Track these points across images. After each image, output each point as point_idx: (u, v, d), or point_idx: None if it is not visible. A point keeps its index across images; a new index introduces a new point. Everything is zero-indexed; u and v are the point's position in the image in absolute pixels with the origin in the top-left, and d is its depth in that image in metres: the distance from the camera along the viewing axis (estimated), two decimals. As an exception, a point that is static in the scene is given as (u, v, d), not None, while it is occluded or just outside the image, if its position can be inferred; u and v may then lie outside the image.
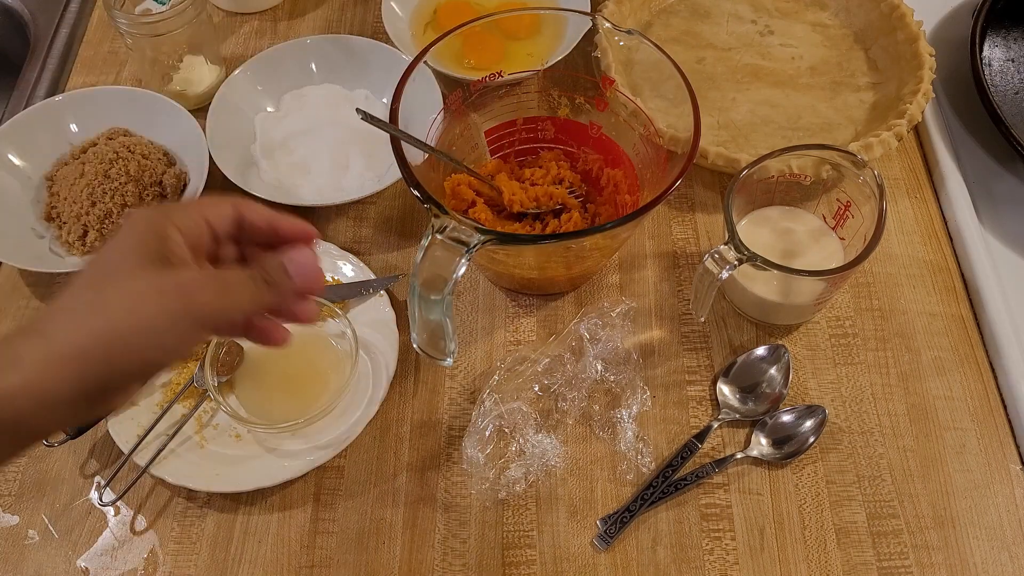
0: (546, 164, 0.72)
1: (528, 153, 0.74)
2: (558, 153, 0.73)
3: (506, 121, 0.72)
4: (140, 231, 0.41)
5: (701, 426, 0.66)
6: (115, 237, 0.41)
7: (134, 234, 0.40)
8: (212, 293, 0.40)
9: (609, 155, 0.71)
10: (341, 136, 0.78)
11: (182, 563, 0.61)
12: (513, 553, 0.61)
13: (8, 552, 0.62)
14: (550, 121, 0.73)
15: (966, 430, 0.66)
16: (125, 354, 0.38)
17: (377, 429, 0.66)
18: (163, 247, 0.40)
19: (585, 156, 0.73)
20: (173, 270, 0.40)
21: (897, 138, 0.74)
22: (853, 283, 0.73)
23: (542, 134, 0.74)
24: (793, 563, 0.61)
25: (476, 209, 0.68)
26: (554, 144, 0.74)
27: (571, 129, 0.73)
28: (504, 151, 0.74)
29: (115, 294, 0.38)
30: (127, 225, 0.41)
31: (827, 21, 0.89)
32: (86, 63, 0.90)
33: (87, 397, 0.38)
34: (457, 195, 0.68)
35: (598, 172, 0.72)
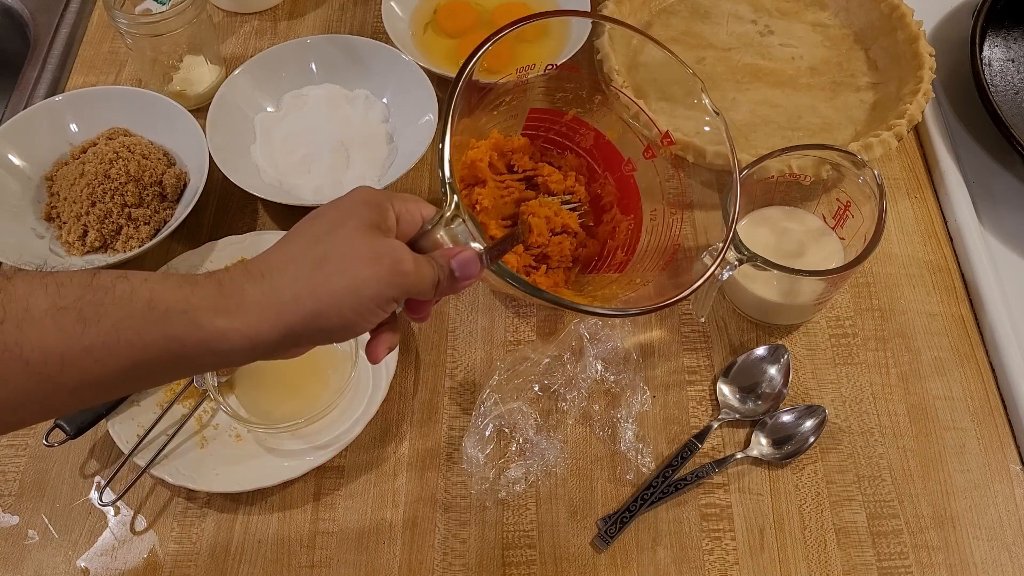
0: (566, 169, 0.70)
1: (558, 146, 0.72)
2: (583, 164, 0.71)
3: (557, 110, 0.69)
4: (365, 199, 0.44)
5: (701, 426, 0.66)
6: (341, 200, 0.44)
7: (359, 201, 0.43)
8: (412, 265, 0.43)
9: (627, 200, 0.69)
10: (341, 136, 0.78)
11: (182, 563, 0.61)
12: (513, 553, 0.61)
13: (8, 552, 0.62)
14: (595, 135, 0.70)
15: (966, 430, 0.66)
16: (333, 310, 0.41)
17: (377, 429, 0.66)
18: (382, 220, 0.43)
19: (606, 183, 0.70)
20: (387, 238, 0.43)
21: (897, 138, 0.74)
22: (853, 283, 0.73)
23: (580, 140, 0.71)
24: (793, 563, 0.61)
25: (483, 191, 0.65)
26: (585, 155, 0.72)
27: (608, 153, 0.70)
28: (538, 133, 0.71)
29: (336, 253, 0.41)
30: (353, 193, 0.44)
31: (827, 21, 0.89)
32: (86, 63, 0.90)
33: (285, 344, 0.41)
34: (473, 169, 0.66)
35: (607, 206, 0.70)
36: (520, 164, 0.70)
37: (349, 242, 0.42)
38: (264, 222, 0.77)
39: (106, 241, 0.73)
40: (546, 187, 0.70)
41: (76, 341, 0.37)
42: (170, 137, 0.78)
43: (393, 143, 0.80)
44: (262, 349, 0.41)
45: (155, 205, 0.74)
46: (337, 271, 0.41)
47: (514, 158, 0.69)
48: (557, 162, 0.72)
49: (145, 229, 0.73)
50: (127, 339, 0.38)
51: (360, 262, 0.41)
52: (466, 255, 0.46)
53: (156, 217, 0.74)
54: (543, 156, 0.72)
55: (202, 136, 0.75)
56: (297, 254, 0.42)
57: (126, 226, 0.73)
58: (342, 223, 0.43)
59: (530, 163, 0.70)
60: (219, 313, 0.39)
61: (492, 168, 0.68)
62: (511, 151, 0.69)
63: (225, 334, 0.39)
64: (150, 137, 0.78)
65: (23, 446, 0.66)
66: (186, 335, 0.39)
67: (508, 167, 0.70)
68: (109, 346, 0.38)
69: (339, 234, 0.42)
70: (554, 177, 0.70)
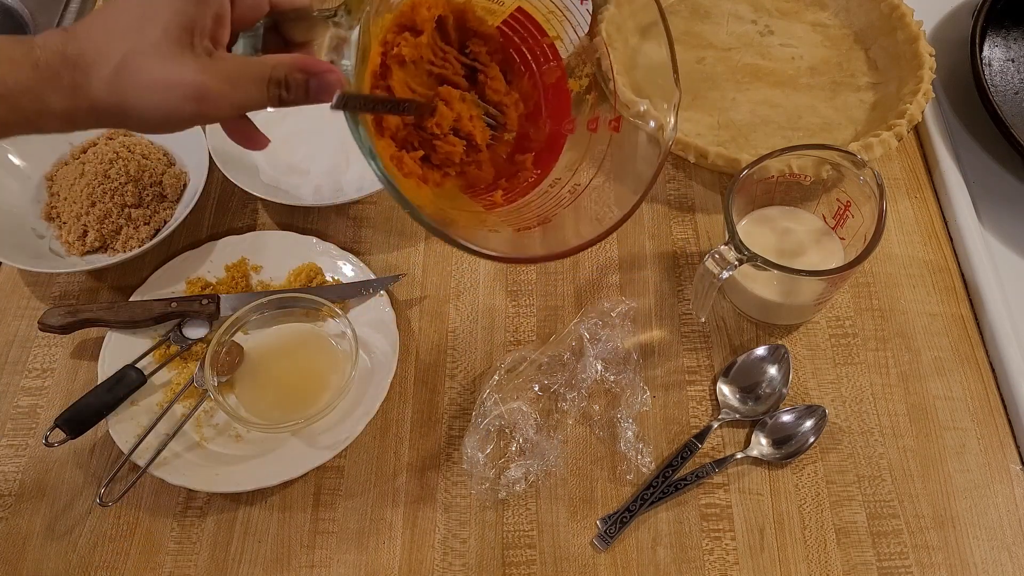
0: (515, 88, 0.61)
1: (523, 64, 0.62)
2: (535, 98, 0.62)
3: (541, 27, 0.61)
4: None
5: (701, 426, 0.66)
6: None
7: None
8: (222, 96, 0.42)
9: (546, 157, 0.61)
10: (341, 136, 0.78)
11: (182, 563, 0.61)
12: (513, 553, 0.61)
13: (8, 552, 0.62)
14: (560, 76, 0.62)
15: (966, 430, 0.66)
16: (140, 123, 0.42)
17: (377, 429, 0.66)
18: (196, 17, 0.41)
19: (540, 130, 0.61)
20: (193, 62, 0.41)
21: (897, 138, 0.74)
22: (853, 283, 0.73)
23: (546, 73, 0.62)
24: (793, 563, 0.61)
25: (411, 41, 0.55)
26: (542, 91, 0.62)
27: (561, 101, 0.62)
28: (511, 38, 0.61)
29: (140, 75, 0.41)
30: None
31: (827, 21, 0.89)
32: (86, 63, 0.90)
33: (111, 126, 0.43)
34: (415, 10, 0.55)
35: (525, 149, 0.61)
36: (475, 51, 0.60)
37: (154, 63, 0.41)
38: (264, 222, 0.77)
39: (106, 241, 0.73)
40: (483, 89, 0.60)
41: None
42: (170, 137, 0.78)
43: (393, 143, 0.80)
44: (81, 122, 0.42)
45: (155, 205, 0.74)
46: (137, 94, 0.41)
47: (472, 42, 0.60)
48: (512, 78, 0.62)
49: (145, 229, 0.73)
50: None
51: (155, 93, 0.41)
52: (328, 79, 0.44)
53: (156, 217, 0.74)
54: (502, 64, 0.61)
55: (202, 136, 0.75)
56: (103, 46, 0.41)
57: (126, 226, 0.73)
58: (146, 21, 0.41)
59: (485, 58, 0.60)
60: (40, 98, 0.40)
61: (440, 32, 0.58)
62: (474, 31, 0.60)
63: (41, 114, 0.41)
64: (150, 137, 0.78)
65: (23, 446, 0.66)
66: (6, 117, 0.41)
67: (460, 45, 0.60)
68: None
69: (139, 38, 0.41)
70: (497, 84, 0.60)
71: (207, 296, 0.70)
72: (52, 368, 0.70)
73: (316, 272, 0.72)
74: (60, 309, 0.68)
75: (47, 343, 0.71)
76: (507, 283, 0.74)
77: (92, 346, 0.70)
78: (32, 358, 0.71)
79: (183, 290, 0.72)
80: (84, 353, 0.71)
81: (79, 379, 0.69)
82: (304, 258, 0.73)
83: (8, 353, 0.71)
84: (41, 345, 0.71)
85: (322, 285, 0.72)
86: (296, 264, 0.73)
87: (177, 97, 0.41)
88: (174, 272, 0.72)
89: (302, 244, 0.74)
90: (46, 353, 0.71)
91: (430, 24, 0.56)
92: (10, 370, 0.70)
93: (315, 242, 0.74)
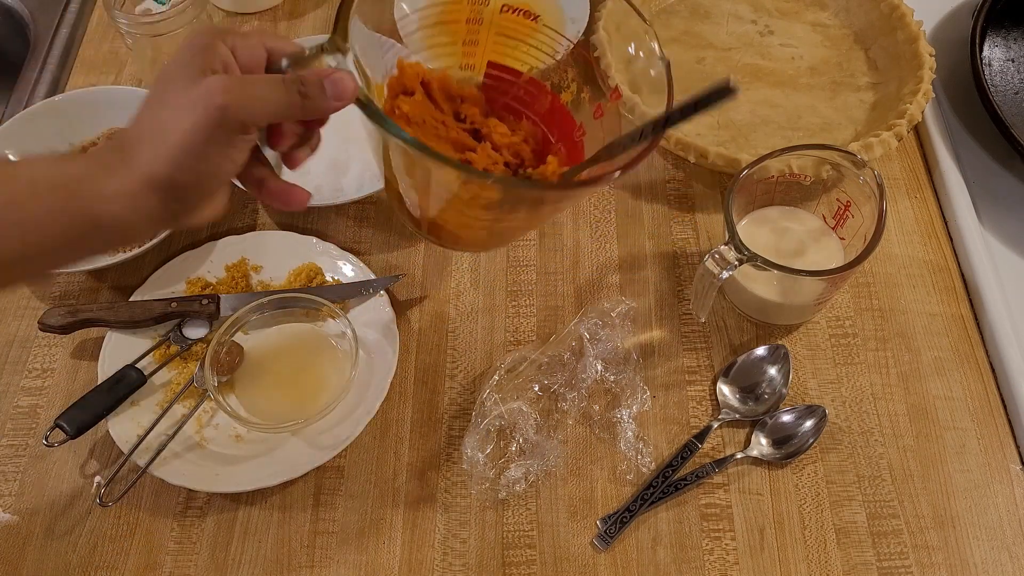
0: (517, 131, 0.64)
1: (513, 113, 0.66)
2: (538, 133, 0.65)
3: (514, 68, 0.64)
4: (188, 43, 0.42)
5: (701, 426, 0.66)
6: (174, 53, 0.43)
7: (186, 48, 0.42)
8: (234, 94, 0.41)
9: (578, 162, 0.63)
10: (341, 136, 0.78)
11: (182, 563, 0.61)
12: (513, 553, 0.61)
13: (8, 552, 0.62)
14: (551, 99, 0.65)
15: (966, 430, 0.66)
16: (183, 173, 0.41)
17: (377, 429, 0.66)
18: (207, 61, 0.42)
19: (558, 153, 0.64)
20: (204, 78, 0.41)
21: (897, 138, 0.74)
22: (853, 283, 0.73)
23: (537, 105, 0.66)
24: (793, 563, 0.61)
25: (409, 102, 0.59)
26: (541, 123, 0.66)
27: (562, 118, 0.66)
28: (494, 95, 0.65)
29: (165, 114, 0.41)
30: (184, 40, 0.43)
31: (827, 21, 0.89)
32: (86, 63, 0.90)
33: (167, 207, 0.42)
34: (403, 75, 0.59)
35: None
36: (469, 115, 0.63)
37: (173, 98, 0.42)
38: (264, 222, 0.77)
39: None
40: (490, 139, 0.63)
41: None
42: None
43: (393, 143, 0.80)
44: (148, 216, 0.42)
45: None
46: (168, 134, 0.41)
47: (463, 107, 0.63)
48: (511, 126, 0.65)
49: (145, 229, 0.73)
50: (14, 218, 0.39)
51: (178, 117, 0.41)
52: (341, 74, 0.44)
53: (156, 217, 0.74)
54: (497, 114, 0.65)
55: (202, 136, 0.75)
56: (144, 121, 0.42)
57: (126, 226, 0.73)
58: (169, 82, 0.42)
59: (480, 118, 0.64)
60: (90, 181, 0.41)
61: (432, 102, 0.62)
62: (460, 97, 0.63)
63: (103, 199, 0.40)
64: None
65: (23, 446, 0.66)
66: (67, 206, 0.40)
67: (455, 115, 0.63)
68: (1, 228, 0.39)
69: (166, 95, 0.42)
70: (500, 131, 0.63)
71: (207, 296, 0.70)
72: (52, 368, 0.70)
73: (316, 272, 0.72)
74: (60, 309, 0.68)
75: (47, 343, 0.71)
76: (507, 283, 0.74)
77: (92, 346, 0.70)
78: (32, 358, 0.71)
79: (183, 290, 0.72)
80: (84, 353, 0.71)
81: (79, 379, 0.69)
82: (304, 258, 0.73)
83: (8, 353, 0.71)
84: (41, 345, 0.71)
85: (322, 285, 0.72)
86: (296, 264, 0.73)
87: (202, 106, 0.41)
88: (174, 272, 0.72)
89: (302, 244, 0.74)
90: (46, 353, 0.71)
91: (418, 85, 0.59)
92: (10, 370, 0.70)
93: (315, 242, 0.74)
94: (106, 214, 0.41)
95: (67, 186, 0.40)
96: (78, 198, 0.40)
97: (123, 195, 0.41)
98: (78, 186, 0.40)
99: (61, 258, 0.42)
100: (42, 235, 0.40)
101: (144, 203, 0.41)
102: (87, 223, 0.41)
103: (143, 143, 0.42)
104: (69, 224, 0.40)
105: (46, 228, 0.40)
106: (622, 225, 0.77)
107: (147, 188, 0.41)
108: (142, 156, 0.41)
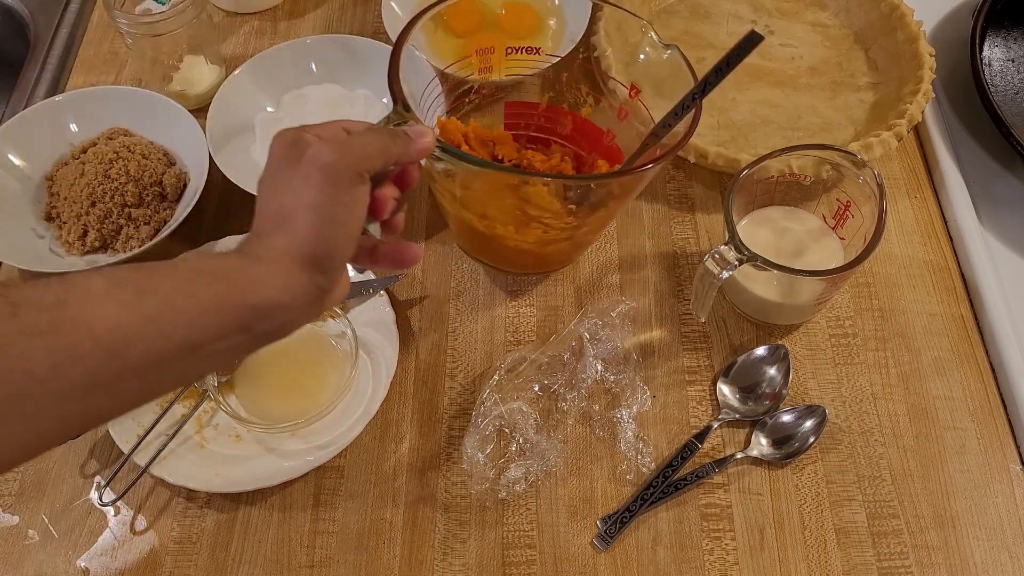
0: (552, 155, 0.71)
1: (540, 143, 0.73)
2: (568, 153, 0.72)
3: (529, 102, 0.71)
4: (279, 142, 0.46)
5: (701, 426, 0.66)
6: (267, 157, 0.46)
7: (277, 145, 0.46)
8: (339, 150, 0.44)
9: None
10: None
11: (182, 563, 0.61)
12: (513, 553, 0.61)
13: (8, 552, 0.62)
14: (571, 117, 0.72)
15: (966, 430, 0.66)
16: (322, 241, 0.44)
17: (377, 429, 0.66)
18: (299, 147, 0.45)
19: (593, 162, 0.71)
20: (303, 156, 0.44)
21: (897, 138, 0.74)
22: (853, 283, 0.73)
23: (560, 128, 0.72)
24: (793, 563, 0.61)
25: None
26: (568, 143, 0.73)
27: (587, 131, 0.71)
28: (518, 131, 0.72)
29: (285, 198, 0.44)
30: (272, 143, 0.46)
31: (827, 21, 0.89)
32: (86, 63, 0.90)
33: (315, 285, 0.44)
34: (445, 133, 0.66)
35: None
36: (505, 154, 0.70)
37: (286, 185, 0.44)
38: (264, 222, 0.77)
39: (106, 241, 0.73)
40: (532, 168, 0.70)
41: (137, 311, 0.39)
42: (170, 137, 0.78)
43: (393, 143, 0.80)
44: (303, 295, 0.44)
45: (155, 205, 0.74)
46: (295, 213, 0.44)
47: (497, 148, 0.70)
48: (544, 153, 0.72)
49: (145, 229, 0.73)
50: (181, 306, 0.40)
51: (299, 191, 0.44)
52: (417, 127, 0.49)
53: (156, 217, 0.74)
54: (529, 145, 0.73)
55: (202, 136, 0.75)
56: (265, 220, 0.45)
57: (126, 226, 0.73)
58: (273, 173, 0.45)
59: (515, 153, 0.71)
60: (245, 272, 0.43)
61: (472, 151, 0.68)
62: (492, 141, 0.70)
63: (259, 286, 0.42)
64: (150, 137, 0.78)
65: (23, 446, 0.66)
66: (226, 295, 0.41)
67: (492, 157, 0.70)
68: (167, 315, 0.39)
69: (275, 182, 0.45)
70: (537, 158, 0.70)
71: (207, 296, 0.70)
72: (52, 368, 0.70)
73: (316, 272, 0.72)
74: (60, 309, 0.68)
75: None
76: (507, 283, 0.74)
77: (92, 346, 0.70)
78: (32, 358, 0.70)
79: (183, 290, 0.72)
80: (84, 353, 0.71)
81: (79, 379, 0.69)
82: (304, 258, 0.73)
83: (8, 353, 0.71)
84: (41, 345, 0.71)
85: (322, 285, 0.72)
86: (296, 264, 0.73)
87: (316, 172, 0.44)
88: (174, 272, 0.72)
89: (302, 244, 0.74)
90: (46, 353, 0.71)
91: (461, 138, 0.67)
92: (10, 370, 0.70)
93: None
94: (262, 299, 0.42)
95: (227, 276, 0.42)
96: (236, 287, 0.42)
97: (274, 277, 0.43)
98: (236, 276, 0.42)
99: (220, 352, 0.42)
100: (205, 325, 0.41)
101: (294, 281, 0.43)
102: (246, 311, 0.42)
103: (278, 229, 0.44)
104: (231, 313, 0.41)
105: (209, 317, 0.41)
106: (622, 225, 0.77)
107: (294, 266, 0.43)
108: (280, 239, 0.43)
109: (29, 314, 0.37)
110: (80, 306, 0.38)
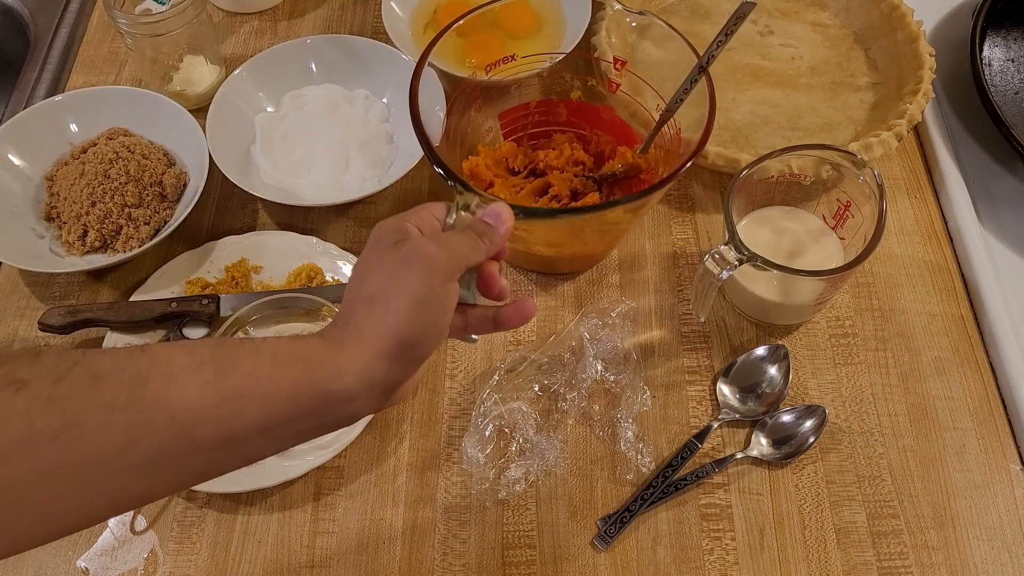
0: (559, 146, 0.72)
1: (541, 136, 0.75)
2: (571, 136, 0.74)
3: (520, 104, 0.73)
4: (381, 229, 0.47)
5: (701, 426, 0.66)
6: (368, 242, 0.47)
7: (377, 235, 0.47)
8: (439, 245, 0.45)
9: (622, 136, 0.72)
10: (341, 136, 0.78)
11: (182, 563, 0.61)
12: (513, 553, 0.61)
13: (8, 552, 0.62)
14: (563, 104, 0.73)
15: (966, 430, 0.66)
16: (414, 328, 0.43)
17: (377, 429, 0.66)
18: (400, 234, 0.46)
19: (597, 138, 0.73)
20: (404, 244, 0.45)
21: (897, 138, 0.74)
22: (853, 283, 0.73)
23: (555, 117, 0.74)
24: (793, 563, 0.61)
25: (495, 189, 0.69)
26: (567, 127, 0.74)
27: (584, 112, 0.73)
28: (517, 134, 0.74)
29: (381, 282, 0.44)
30: (373, 232, 0.47)
31: (827, 21, 0.89)
32: (86, 63, 0.90)
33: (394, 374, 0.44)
34: (476, 175, 0.69)
35: (611, 153, 0.72)
36: (517, 164, 0.72)
37: (383, 268, 0.45)
38: (264, 222, 0.77)
39: (106, 241, 0.73)
40: (550, 168, 0.71)
41: (213, 392, 0.38)
42: (170, 137, 0.78)
43: (393, 143, 0.80)
44: (377, 385, 0.43)
45: (155, 205, 0.74)
46: (390, 296, 0.44)
47: (509, 161, 0.72)
48: (550, 146, 0.74)
49: (145, 229, 0.73)
50: (258, 389, 0.40)
51: (398, 276, 0.44)
52: (492, 206, 0.49)
53: (156, 217, 0.74)
54: (535, 148, 0.74)
55: (202, 136, 0.75)
56: (355, 300, 0.45)
57: (126, 226, 0.73)
58: (372, 256, 0.46)
59: (525, 159, 0.72)
60: (326, 357, 0.42)
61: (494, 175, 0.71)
62: (503, 157, 0.72)
63: (338, 373, 0.42)
64: (150, 137, 0.78)
65: (23, 446, 0.66)
66: (305, 379, 0.41)
67: (509, 171, 0.72)
68: (243, 396, 0.39)
69: (374, 267, 0.45)
70: (551, 156, 0.71)
71: (207, 296, 0.70)
72: (52, 368, 0.70)
73: (316, 272, 0.72)
74: (60, 309, 0.68)
75: (47, 343, 0.71)
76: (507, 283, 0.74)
77: (92, 346, 0.70)
78: (32, 358, 0.70)
79: (183, 290, 0.72)
80: (84, 353, 0.71)
81: (79, 379, 0.69)
82: (304, 258, 0.73)
83: (8, 353, 0.71)
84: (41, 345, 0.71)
85: (322, 285, 0.72)
86: (296, 264, 0.73)
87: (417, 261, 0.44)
88: (174, 272, 0.72)
89: (302, 244, 0.74)
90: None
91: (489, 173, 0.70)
92: (10, 370, 0.70)
93: (315, 242, 0.74)
94: (339, 388, 0.42)
95: (306, 360, 0.41)
96: (316, 373, 0.41)
97: (357, 367, 0.42)
98: (316, 362, 0.42)
99: (287, 437, 0.42)
100: (279, 408, 0.40)
101: (374, 371, 0.43)
102: (320, 397, 0.41)
103: (370, 313, 0.43)
104: (306, 398, 0.41)
105: (284, 400, 0.40)
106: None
107: (380, 356, 0.43)
108: (370, 322, 0.43)
109: (109, 388, 0.36)
110: (163, 383, 0.37)
